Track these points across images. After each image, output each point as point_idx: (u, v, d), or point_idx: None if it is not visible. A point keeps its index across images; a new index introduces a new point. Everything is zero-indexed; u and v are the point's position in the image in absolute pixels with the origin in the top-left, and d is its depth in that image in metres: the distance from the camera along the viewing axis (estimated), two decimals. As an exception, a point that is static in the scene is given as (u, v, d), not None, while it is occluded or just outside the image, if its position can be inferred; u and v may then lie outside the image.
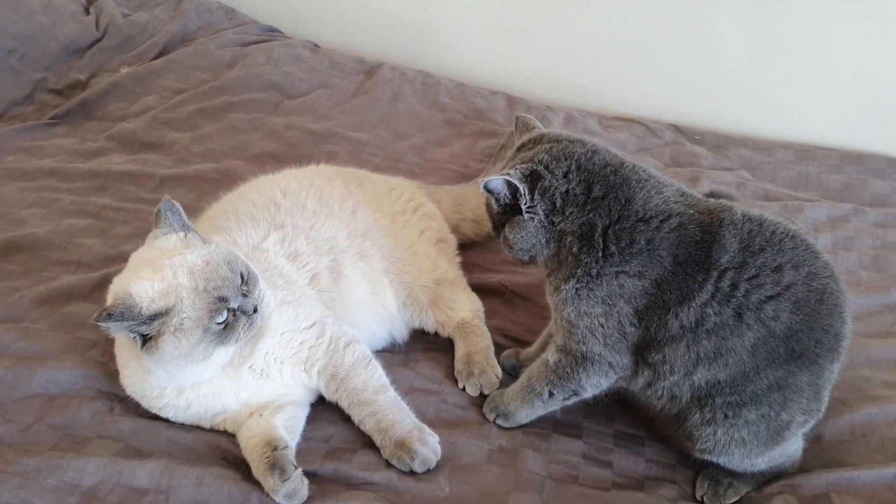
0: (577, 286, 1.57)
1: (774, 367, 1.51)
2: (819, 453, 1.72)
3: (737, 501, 1.66)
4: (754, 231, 1.53)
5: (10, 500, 1.50)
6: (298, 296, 1.77)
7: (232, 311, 1.54)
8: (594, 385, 1.67)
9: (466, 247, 2.26)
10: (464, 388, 1.89)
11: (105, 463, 1.56)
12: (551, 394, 1.71)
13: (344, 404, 1.72)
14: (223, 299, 1.52)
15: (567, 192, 1.56)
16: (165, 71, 3.12)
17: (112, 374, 1.76)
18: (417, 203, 2.16)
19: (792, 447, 1.66)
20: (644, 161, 2.71)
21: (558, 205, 1.57)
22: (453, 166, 2.70)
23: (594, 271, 1.55)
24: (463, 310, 2.02)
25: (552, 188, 1.56)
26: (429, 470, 1.63)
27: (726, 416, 1.57)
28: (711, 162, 2.79)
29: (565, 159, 1.58)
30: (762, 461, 1.63)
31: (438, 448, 1.66)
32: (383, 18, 3.39)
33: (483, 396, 1.85)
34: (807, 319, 1.50)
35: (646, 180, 1.59)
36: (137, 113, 2.89)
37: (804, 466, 1.70)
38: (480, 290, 2.11)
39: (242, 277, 1.57)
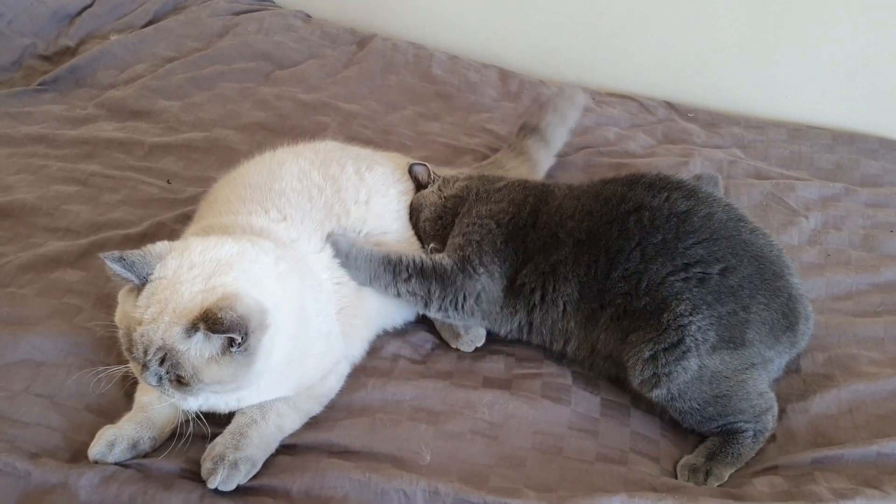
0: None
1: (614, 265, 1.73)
2: (807, 425, 1.74)
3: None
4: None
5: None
6: (325, 339, 1.72)
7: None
8: (468, 309, 1.86)
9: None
10: (457, 349, 1.92)
11: None
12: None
13: None
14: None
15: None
16: (156, 39, 3.09)
17: (99, 341, 1.77)
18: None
19: (745, 387, 1.68)
20: (637, 138, 2.75)
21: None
22: (444, 139, 2.68)
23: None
24: None
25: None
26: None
27: (623, 331, 1.72)
28: (704, 140, 2.78)
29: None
30: (708, 391, 1.66)
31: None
32: (376, -11, 3.37)
33: (477, 350, 1.93)
34: (585, 213, 1.80)
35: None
36: (127, 81, 2.87)
37: (792, 439, 1.72)
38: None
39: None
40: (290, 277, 1.61)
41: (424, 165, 2.09)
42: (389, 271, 1.85)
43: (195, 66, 2.95)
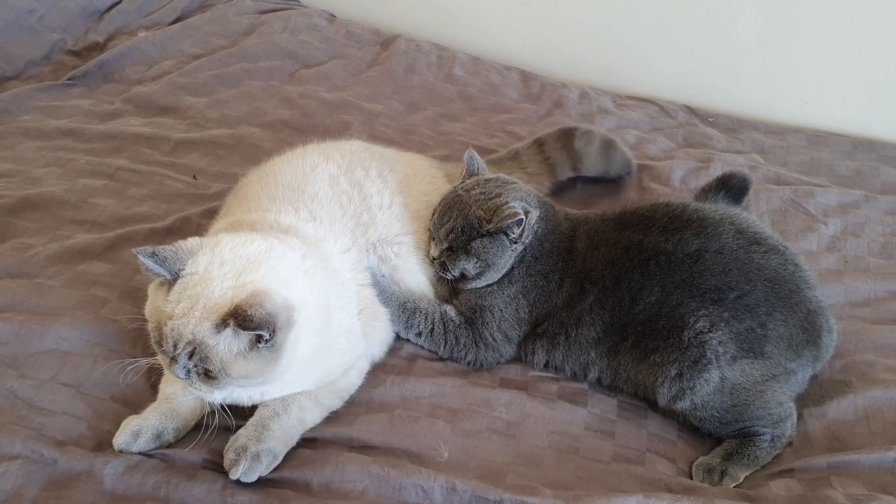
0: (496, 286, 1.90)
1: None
2: (824, 430, 1.75)
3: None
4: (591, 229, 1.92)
5: (21, 451, 1.53)
6: (347, 335, 1.75)
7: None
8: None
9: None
10: None
11: None
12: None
13: None
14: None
15: (535, 221, 1.88)
16: (183, 36, 3.13)
17: (124, 332, 1.79)
18: (438, 183, 2.16)
19: (763, 397, 1.70)
20: (657, 142, 2.76)
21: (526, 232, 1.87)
22: (465, 139, 2.69)
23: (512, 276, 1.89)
24: None
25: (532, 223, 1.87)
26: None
27: (643, 351, 1.77)
28: (724, 144, 2.78)
29: (532, 196, 1.93)
30: (728, 401, 1.69)
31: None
32: (400, -10, 3.39)
33: None
34: (608, 262, 1.84)
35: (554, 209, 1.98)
36: (154, 77, 2.90)
37: (808, 443, 1.73)
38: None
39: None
40: (315, 274, 1.63)
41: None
42: (403, 320, 1.90)
43: (221, 64, 2.98)
